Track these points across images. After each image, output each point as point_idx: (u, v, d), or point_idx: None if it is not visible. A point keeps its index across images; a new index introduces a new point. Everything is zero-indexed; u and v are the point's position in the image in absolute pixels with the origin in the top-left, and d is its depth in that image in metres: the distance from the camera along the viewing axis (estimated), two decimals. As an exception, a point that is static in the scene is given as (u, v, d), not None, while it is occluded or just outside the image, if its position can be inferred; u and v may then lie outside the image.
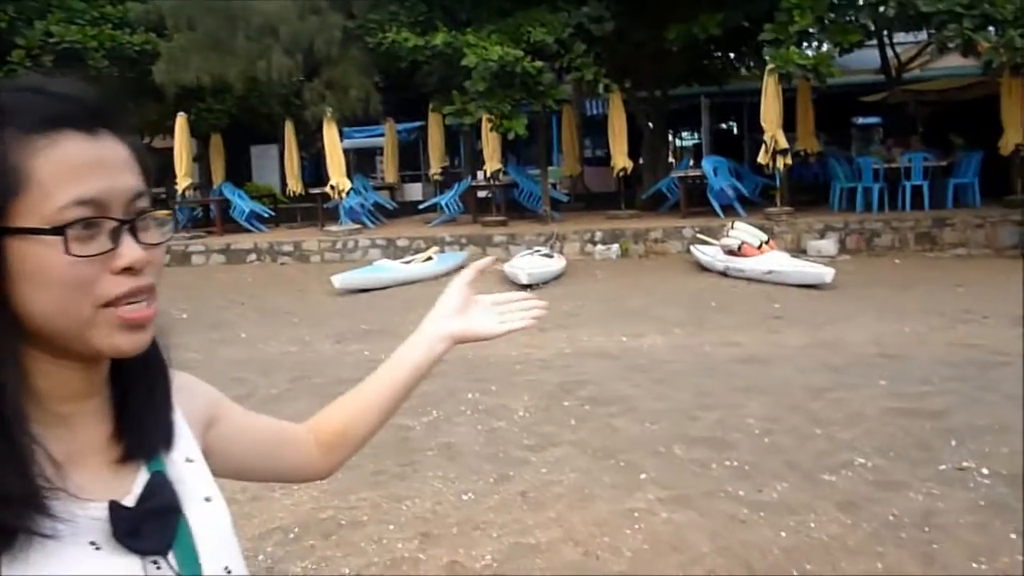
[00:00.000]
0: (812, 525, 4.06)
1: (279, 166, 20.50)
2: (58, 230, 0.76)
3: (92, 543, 0.78)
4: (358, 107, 17.46)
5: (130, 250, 0.79)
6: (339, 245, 16.13)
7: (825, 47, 14.61)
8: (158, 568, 0.81)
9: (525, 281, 11.70)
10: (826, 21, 13.51)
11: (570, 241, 14.86)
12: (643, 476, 4.79)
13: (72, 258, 0.76)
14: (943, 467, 4.66)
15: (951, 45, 13.25)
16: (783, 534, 3.99)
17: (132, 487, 0.84)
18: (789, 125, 14.99)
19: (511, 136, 15.09)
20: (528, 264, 12.37)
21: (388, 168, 20.71)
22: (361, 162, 22.97)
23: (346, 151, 18.40)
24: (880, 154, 15.64)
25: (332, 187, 16.97)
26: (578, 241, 14.86)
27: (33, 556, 0.74)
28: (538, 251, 13.87)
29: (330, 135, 17.02)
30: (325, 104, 17.13)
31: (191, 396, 0.99)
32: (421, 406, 6.30)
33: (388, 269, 13.28)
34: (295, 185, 18.73)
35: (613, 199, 17.03)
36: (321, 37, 16.99)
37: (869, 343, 7.69)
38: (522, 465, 5.09)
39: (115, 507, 0.80)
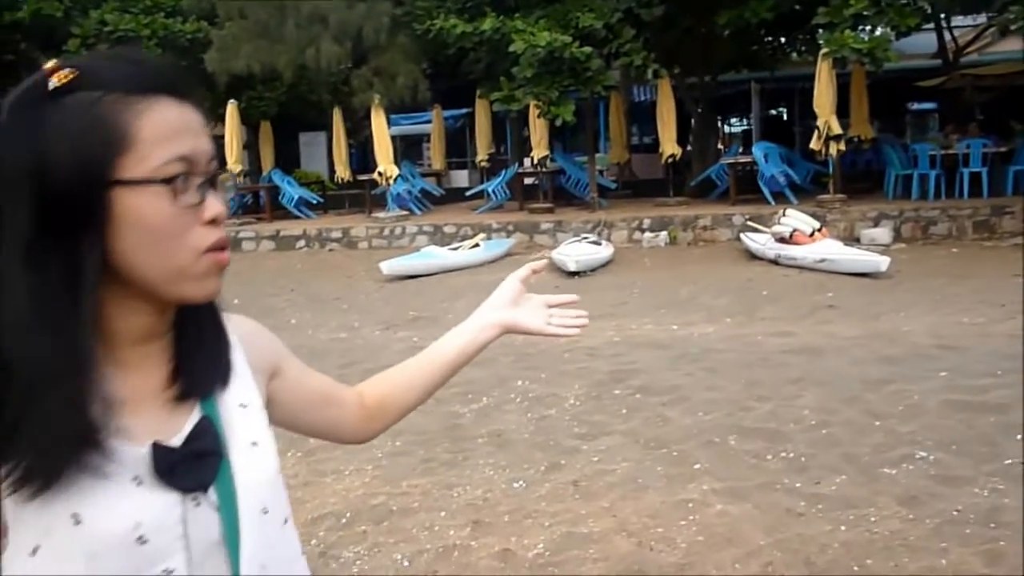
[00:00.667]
0: (872, 520, 3.96)
1: (327, 153, 20.67)
2: (167, 181, 0.84)
3: (135, 478, 0.84)
4: (405, 94, 17.50)
5: (214, 203, 0.88)
6: (386, 232, 16.20)
7: (880, 31, 14.28)
8: (197, 504, 0.86)
9: (573, 268, 11.64)
10: (883, 3, 13.17)
11: (618, 229, 14.75)
12: (696, 467, 4.73)
13: (176, 208, 0.85)
14: (1008, 462, 4.52)
15: (1012, 28, 12.88)
16: (842, 528, 3.90)
17: (183, 427, 0.90)
18: (842, 111, 14.69)
19: (558, 123, 15.00)
20: (576, 251, 12.30)
21: (435, 155, 20.74)
22: (408, 149, 23.04)
23: (393, 138, 18.46)
24: (937, 140, 15.28)
25: (380, 174, 17.04)
26: (626, 229, 14.74)
27: (80, 489, 0.80)
28: (586, 238, 13.79)
29: (378, 122, 17.08)
30: (373, 91, 17.20)
31: (260, 345, 1.06)
32: (471, 393, 6.29)
33: (435, 256, 13.30)
34: (343, 172, 18.84)
35: (661, 186, 16.87)
36: (369, 24, 17.04)
37: (926, 334, 7.51)
38: (573, 454, 5.05)
39: (157, 447, 0.86)
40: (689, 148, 18.27)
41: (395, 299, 10.92)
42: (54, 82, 0.83)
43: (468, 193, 19.14)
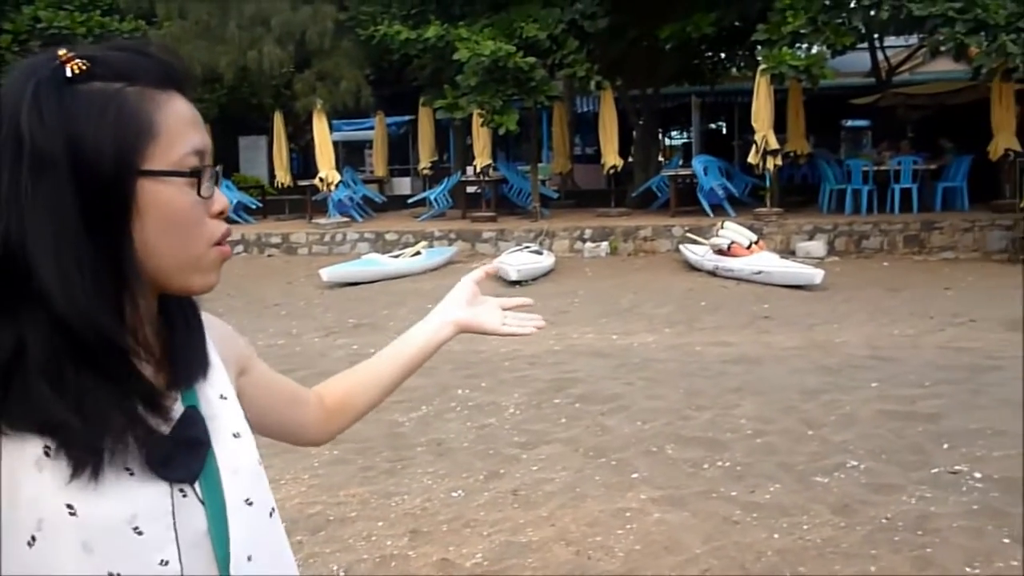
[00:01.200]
0: (806, 527, 4.03)
1: (267, 157, 20.38)
2: (194, 173, 0.86)
3: (127, 469, 0.82)
4: (348, 99, 17.38)
5: (221, 196, 0.90)
6: (327, 238, 16.04)
7: (816, 49, 14.63)
8: (184, 496, 0.86)
9: (514, 277, 11.66)
10: (819, 22, 13.51)
11: (559, 238, 14.82)
12: (635, 475, 4.76)
13: (196, 199, 0.86)
14: (936, 470, 4.64)
15: (943, 49, 13.31)
16: (777, 536, 3.96)
17: (170, 417, 0.88)
18: (780, 126, 15.00)
19: (502, 131, 15.05)
20: (517, 260, 12.33)
21: (377, 161, 20.60)
22: (350, 155, 22.85)
23: (335, 143, 18.30)
24: (870, 157, 15.68)
25: (321, 179, 16.88)
26: (567, 238, 14.83)
27: (74, 480, 0.79)
28: (527, 247, 13.82)
29: (320, 127, 16.92)
30: (315, 95, 17.04)
31: (228, 341, 1.07)
32: (412, 401, 6.25)
33: (376, 263, 13.21)
34: (283, 177, 18.61)
35: (603, 197, 17.00)
36: (313, 28, 16.91)
37: (860, 345, 7.69)
38: (513, 463, 5.04)
39: (152, 436, 0.84)
40: (631, 159, 18.46)
41: (336, 306, 10.81)
42: (70, 70, 0.83)
43: (410, 200, 19.06)
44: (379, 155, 20.45)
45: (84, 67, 0.83)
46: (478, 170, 16.85)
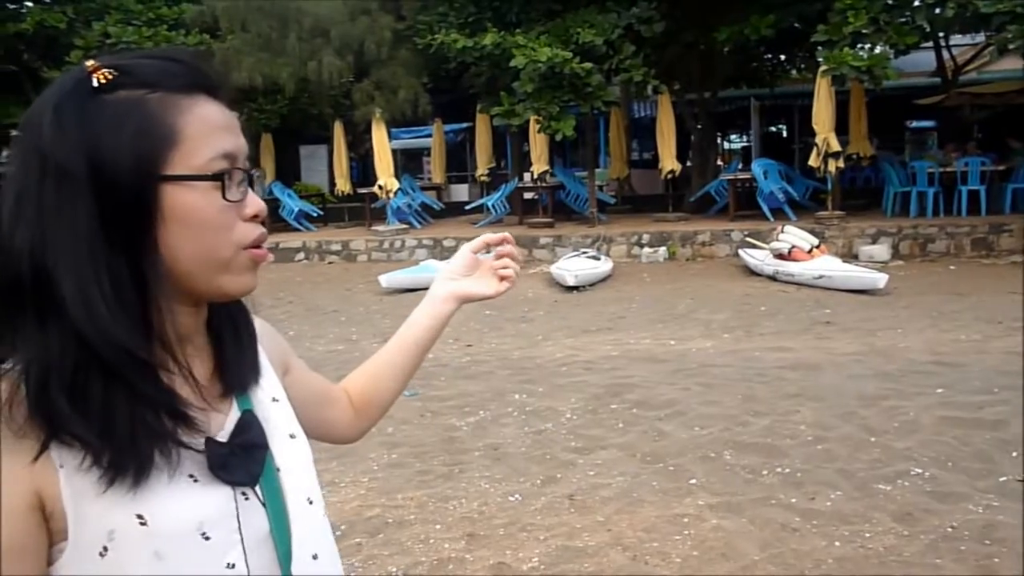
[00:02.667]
0: (867, 536, 3.97)
1: (328, 166, 20.72)
2: (217, 176, 0.86)
3: (191, 476, 0.85)
4: (406, 108, 17.56)
5: (255, 200, 0.90)
6: (386, 245, 16.22)
7: (879, 49, 14.36)
8: (247, 499, 0.88)
9: (572, 283, 11.67)
10: (881, 22, 13.25)
11: (616, 243, 14.78)
12: (692, 481, 4.73)
13: (223, 203, 0.86)
14: (1003, 479, 4.53)
15: (1011, 47, 12.93)
16: (837, 544, 3.90)
17: (225, 424, 0.91)
18: (841, 128, 14.74)
19: (559, 138, 15.04)
20: (575, 266, 12.32)
21: (435, 169, 20.79)
22: (409, 163, 23.10)
23: (394, 151, 18.51)
24: (935, 158, 15.31)
25: (380, 187, 17.09)
26: (625, 244, 14.77)
27: (141, 489, 0.81)
28: (584, 253, 13.81)
29: (379, 135, 17.14)
30: (374, 105, 17.26)
31: (273, 342, 1.09)
32: (468, 406, 6.30)
33: (434, 269, 13.26)
34: (343, 185, 18.88)
35: (660, 202, 16.91)
36: (371, 38, 17.13)
37: (923, 350, 7.53)
38: (569, 468, 5.05)
39: (211, 443, 0.87)
40: (688, 164, 18.32)
41: (393, 312, 10.93)
42: (96, 80, 0.84)
43: (468, 207, 19.17)
44: (437, 162, 20.63)
45: (110, 76, 0.84)
46: (535, 176, 16.90)
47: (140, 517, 0.81)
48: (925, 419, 5.55)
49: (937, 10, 12.90)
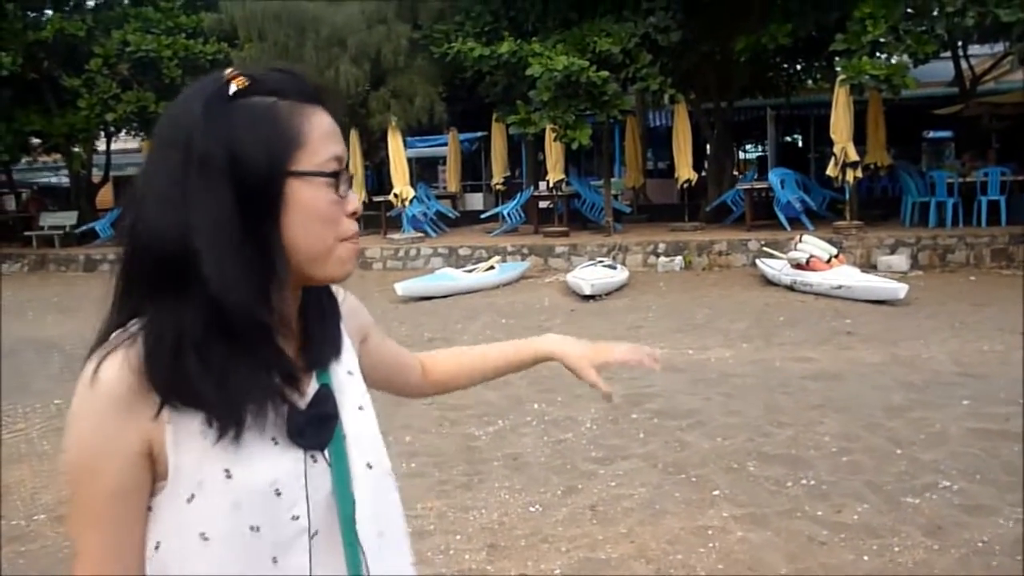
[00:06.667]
0: (896, 549, 3.89)
1: (343, 174, 20.70)
2: (333, 175, 1.00)
3: (273, 438, 0.98)
4: (422, 116, 17.59)
5: (354, 199, 1.04)
6: (401, 253, 16.22)
7: (897, 58, 14.27)
8: (315, 461, 1.01)
9: (588, 292, 11.61)
10: (900, 31, 13.16)
11: (632, 253, 14.72)
12: (716, 493, 4.67)
13: (334, 198, 1.00)
14: (1034, 492, 4.45)
15: (1031, 56, 12.84)
16: (866, 558, 3.83)
17: (306, 393, 1.04)
18: (859, 138, 14.65)
19: (574, 146, 15.01)
20: (591, 275, 12.27)
21: (450, 177, 20.79)
22: (424, 171, 23.12)
23: (409, 160, 18.52)
24: (954, 168, 15.19)
25: (395, 195, 17.09)
26: (641, 253, 14.71)
27: (232, 447, 0.94)
28: (600, 262, 13.76)
29: (394, 144, 17.15)
30: (390, 113, 17.27)
31: (354, 315, 1.24)
32: (487, 415, 6.25)
33: (450, 277, 13.29)
34: (359, 193, 18.86)
35: (676, 211, 16.84)
36: (388, 47, 17.17)
37: (947, 361, 7.43)
38: (590, 478, 4.99)
39: (292, 410, 1.00)
40: (704, 173, 18.25)
41: (410, 320, 10.90)
42: (234, 87, 0.97)
43: (483, 216, 19.16)
44: (452, 171, 20.64)
45: (245, 83, 0.98)
46: (551, 185, 16.87)
47: (227, 471, 0.94)
48: (952, 431, 5.47)
49: (957, 19, 12.80)
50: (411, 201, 17.14)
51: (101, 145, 22.47)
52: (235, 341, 0.94)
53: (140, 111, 18.52)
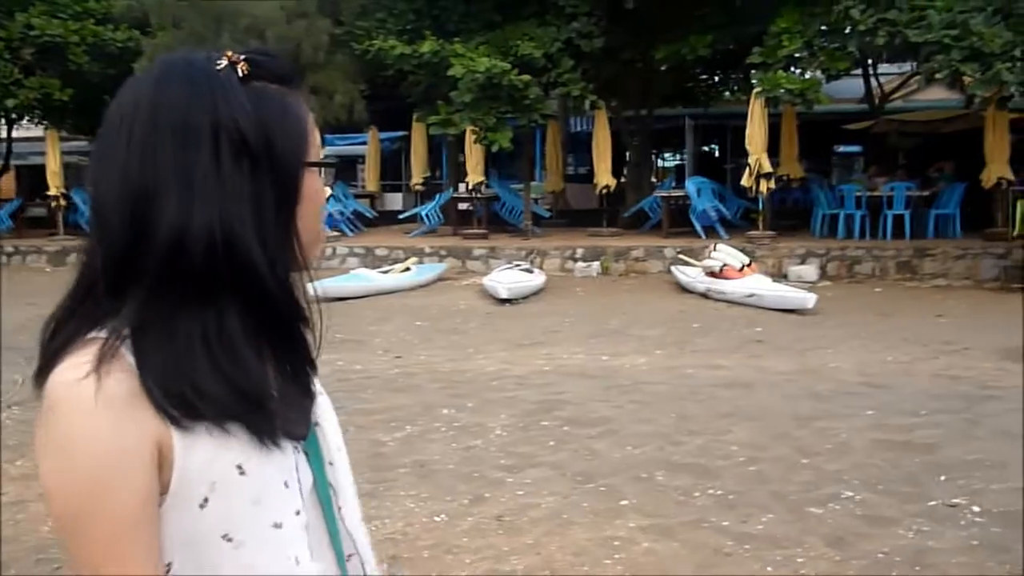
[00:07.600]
0: (800, 560, 3.90)
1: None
2: (332, 163, 0.94)
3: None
4: (342, 114, 17.26)
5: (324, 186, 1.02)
6: (316, 252, 15.88)
7: (811, 73, 14.61)
8: (298, 452, 0.95)
9: (505, 295, 11.53)
10: (815, 47, 13.48)
11: (550, 257, 14.72)
12: (624, 503, 4.62)
13: (321, 185, 0.98)
14: (933, 503, 4.52)
15: (938, 77, 13.28)
16: (770, 568, 3.82)
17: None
18: (773, 150, 14.95)
19: (495, 149, 14.95)
20: (508, 278, 12.20)
21: (369, 176, 20.50)
22: (342, 170, 22.73)
23: (325, 158, 18.17)
24: (862, 182, 15.64)
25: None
26: (559, 257, 14.72)
27: (240, 442, 0.87)
28: (518, 266, 13.71)
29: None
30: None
31: None
32: (395, 420, 6.11)
33: (366, 278, 13.06)
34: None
35: (595, 216, 16.92)
36: (308, 41, 16.79)
37: (853, 371, 7.58)
38: (498, 486, 4.89)
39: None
40: (624, 180, 18.39)
41: (323, 320, 10.65)
42: (240, 71, 0.91)
43: (401, 216, 18.95)
44: (371, 170, 20.35)
45: (248, 69, 0.91)
46: (470, 187, 16.76)
47: (240, 467, 0.87)
48: (856, 441, 5.55)
49: (868, 38, 13.16)
50: (328, 199, 16.78)
51: (2, 132, 21.49)
52: (275, 336, 0.93)
53: (44, 98, 17.77)
